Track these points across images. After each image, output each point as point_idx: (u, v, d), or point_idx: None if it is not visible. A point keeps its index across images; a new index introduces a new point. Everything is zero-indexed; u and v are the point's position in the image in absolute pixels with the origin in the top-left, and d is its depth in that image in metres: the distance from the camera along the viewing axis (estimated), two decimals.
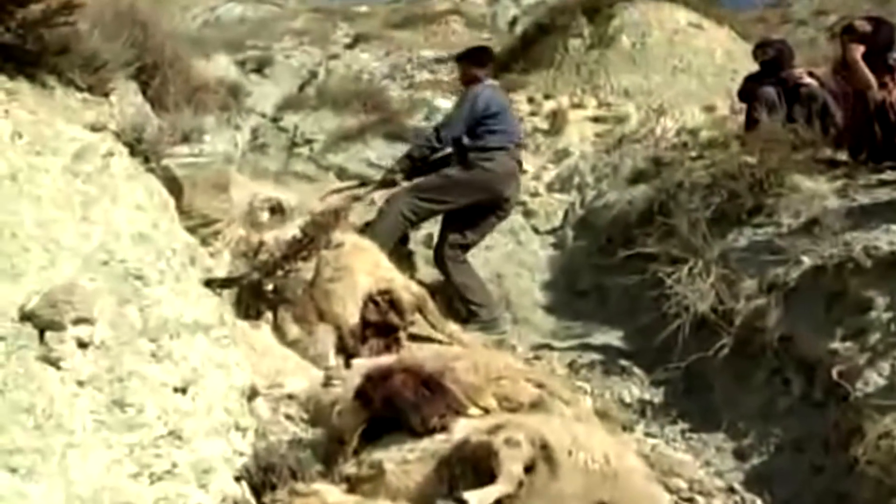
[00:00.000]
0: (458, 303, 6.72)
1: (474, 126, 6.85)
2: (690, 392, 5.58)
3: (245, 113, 12.83)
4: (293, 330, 5.26)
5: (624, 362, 6.05)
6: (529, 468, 3.30)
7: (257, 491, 3.50)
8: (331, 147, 11.57)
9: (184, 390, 3.31)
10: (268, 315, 5.29)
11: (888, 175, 6.43)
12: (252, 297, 5.21)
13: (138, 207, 3.70)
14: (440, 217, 7.08)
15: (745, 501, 4.52)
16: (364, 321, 5.29)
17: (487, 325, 6.57)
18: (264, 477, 3.50)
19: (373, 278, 5.44)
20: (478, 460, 3.36)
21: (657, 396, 5.66)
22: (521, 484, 3.26)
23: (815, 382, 4.91)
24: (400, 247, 6.84)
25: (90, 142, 3.68)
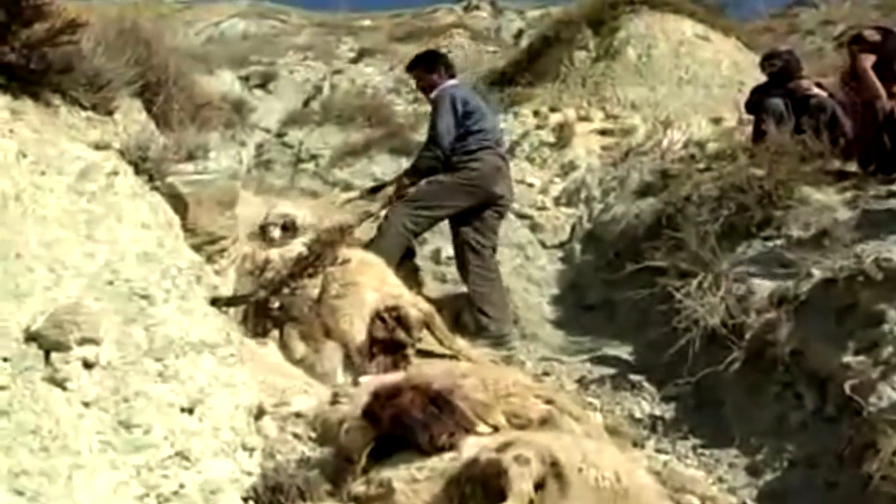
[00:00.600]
0: (468, 314, 6.71)
1: (457, 128, 6.86)
2: (701, 407, 5.56)
3: (249, 129, 12.87)
4: (300, 348, 5.26)
5: (634, 377, 6.02)
6: (539, 486, 3.29)
7: None
8: (336, 162, 11.60)
9: (190, 410, 3.30)
10: (274, 333, 5.29)
11: None
12: (258, 315, 5.21)
13: (143, 226, 3.70)
14: (449, 230, 7.06)
15: None
16: (371, 338, 5.28)
17: (496, 341, 6.54)
18: (272, 497, 3.49)
19: (380, 294, 5.44)
20: (487, 478, 3.34)
21: (668, 412, 5.64)
22: (532, 502, 3.24)
23: (828, 397, 4.88)
24: (407, 262, 6.83)
25: (94, 160, 3.69)
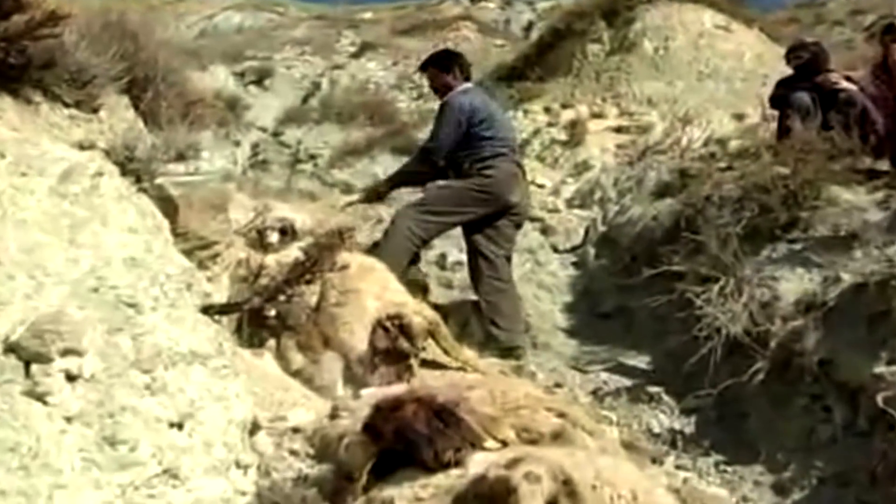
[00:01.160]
0: (475, 322, 6.69)
1: (464, 138, 6.83)
2: (724, 421, 5.54)
3: (244, 128, 12.92)
4: (297, 358, 5.24)
5: (652, 389, 6.01)
6: None
7: None
8: (336, 163, 11.63)
9: (180, 425, 3.28)
10: (270, 343, 5.27)
11: None
12: (253, 325, 5.19)
13: (130, 230, 3.69)
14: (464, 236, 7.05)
15: None
16: (373, 348, 5.25)
17: (506, 352, 6.52)
18: None
19: (382, 302, 5.42)
20: (495, 497, 3.32)
21: (688, 426, 5.63)
22: None
23: (859, 410, 4.87)
24: (410, 268, 6.82)
25: (78, 161, 3.68)
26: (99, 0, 5.67)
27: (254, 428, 3.92)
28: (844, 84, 7.94)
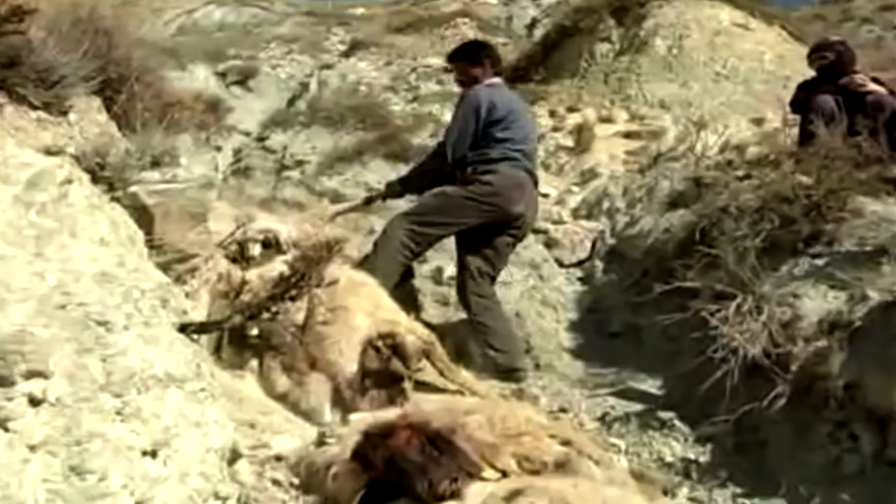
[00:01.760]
0: (473, 344, 6.69)
1: (477, 136, 6.82)
2: (742, 449, 5.53)
3: (226, 131, 12.93)
4: (281, 381, 5.25)
5: (664, 415, 5.99)
6: None
7: None
8: (324, 170, 11.63)
9: (154, 454, 3.27)
10: (252, 364, 5.28)
11: None
12: (234, 344, 5.19)
13: (101, 242, 3.68)
14: (455, 247, 7.04)
15: None
16: (363, 369, 5.27)
17: (506, 374, 6.52)
18: None
19: (373, 320, 5.43)
20: None
21: (703, 455, 5.61)
22: None
23: (889, 438, 4.86)
24: (404, 282, 6.82)
25: (45, 167, 3.67)
26: None
27: (234, 456, 3.91)
28: (872, 86, 7.96)
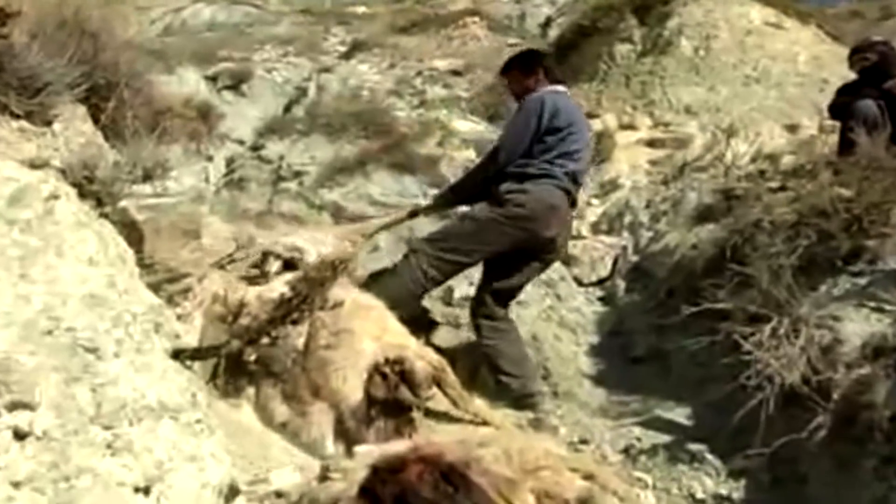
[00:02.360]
0: (486, 370, 6.70)
1: (531, 144, 6.77)
2: (778, 485, 5.53)
3: (218, 140, 12.95)
4: (281, 410, 5.25)
5: (693, 447, 5.99)
6: None
7: None
8: (324, 181, 11.65)
9: (146, 490, 3.28)
10: (250, 392, 5.28)
11: None
12: (231, 371, 5.20)
13: (90, 262, 3.70)
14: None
15: None
16: (369, 398, 5.27)
17: (522, 402, 6.52)
18: None
19: (379, 344, 5.43)
20: None
21: (736, 490, 5.61)
22: None
23: None
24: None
25: (29, 182, 3.68)
26: None
27: (231, 492, 3.92)
28: None
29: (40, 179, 3.76)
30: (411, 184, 9.66)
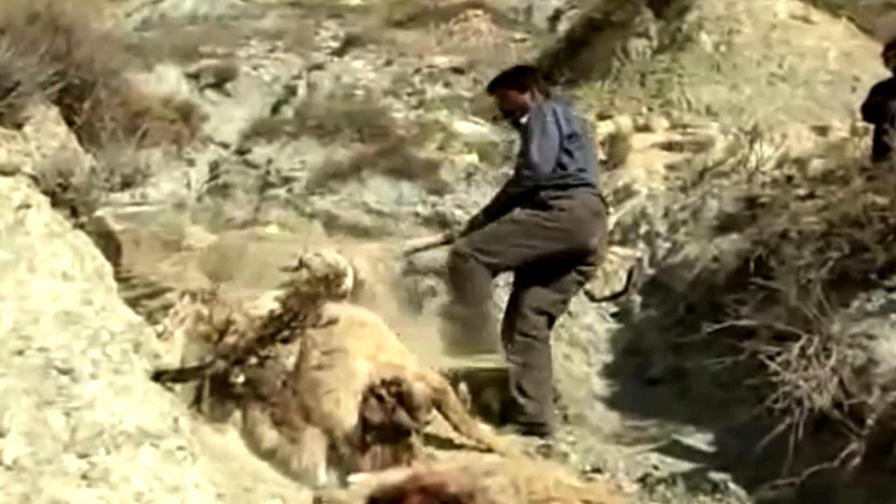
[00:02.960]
0: (493, 390, 6.67)
1: (561, 148, 6.83)
2: None
3: (201, 143, 12.96)
4: (270, 436, 5.24)
5: (716, 476, 5.98)
6: None
7: None
8: (315, 188, 11.67)
9: None
10: (236, 417, 5.28)
11: None
12: (216, 394, 5.20)
13: (64, 277, 3.70)
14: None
15: None
16: (364, 422, 5.27)
17: (531, 428, 6.52)
18: None
19: (375, 364, 5.42)
20: None
21: None
22: None
23: None
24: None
25: None
26: None
27: None
28: None
29: (10, 187, 3.78)
30: (409, 190, 9.68)
